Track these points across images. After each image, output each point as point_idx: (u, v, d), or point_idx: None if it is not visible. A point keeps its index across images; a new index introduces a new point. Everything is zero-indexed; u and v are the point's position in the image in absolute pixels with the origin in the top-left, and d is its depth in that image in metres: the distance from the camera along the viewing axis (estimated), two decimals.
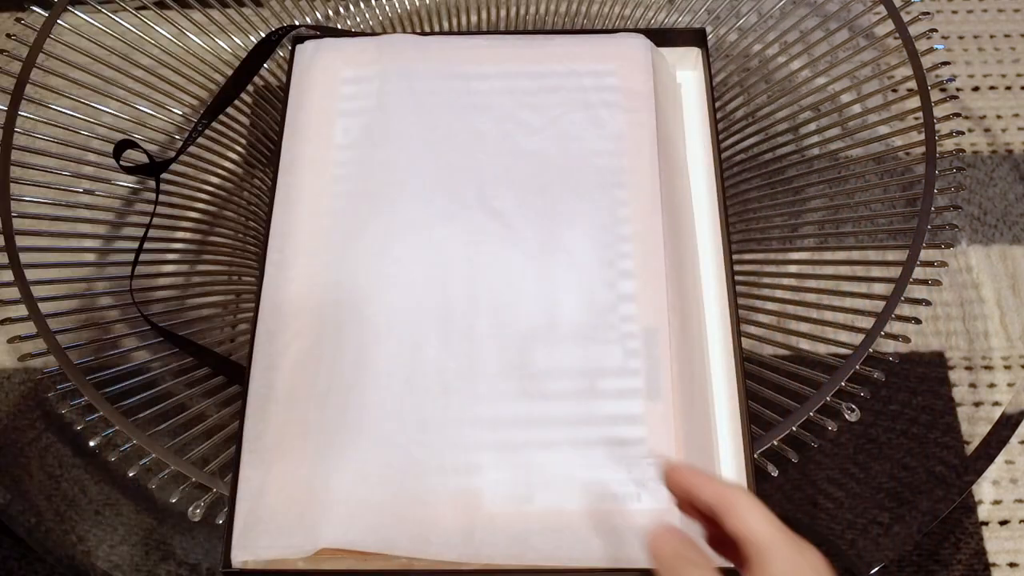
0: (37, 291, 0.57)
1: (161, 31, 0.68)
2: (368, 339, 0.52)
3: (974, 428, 0.66)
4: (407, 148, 0.57)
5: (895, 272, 0.59)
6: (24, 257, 0.58)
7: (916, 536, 0.57)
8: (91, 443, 0.57)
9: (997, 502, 0.64)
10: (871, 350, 0.57)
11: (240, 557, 0.47)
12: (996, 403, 0.67)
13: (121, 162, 0.59)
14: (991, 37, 0.82)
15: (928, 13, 0.68)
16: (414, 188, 0.56)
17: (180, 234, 0.66)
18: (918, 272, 0.59)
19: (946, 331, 0.70)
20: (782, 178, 0.67)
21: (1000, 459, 0.65)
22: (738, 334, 0.53)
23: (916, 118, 0.64)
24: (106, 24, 0.68)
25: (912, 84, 0.65)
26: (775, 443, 0.55)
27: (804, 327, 0.63)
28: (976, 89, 0.80)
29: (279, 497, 0.48)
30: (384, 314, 0.52)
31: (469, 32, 0.72)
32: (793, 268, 0.67)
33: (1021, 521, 0.64)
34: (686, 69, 0.64)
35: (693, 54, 0.63)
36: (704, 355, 0.54)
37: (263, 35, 0.65)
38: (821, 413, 0.56)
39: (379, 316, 0.52)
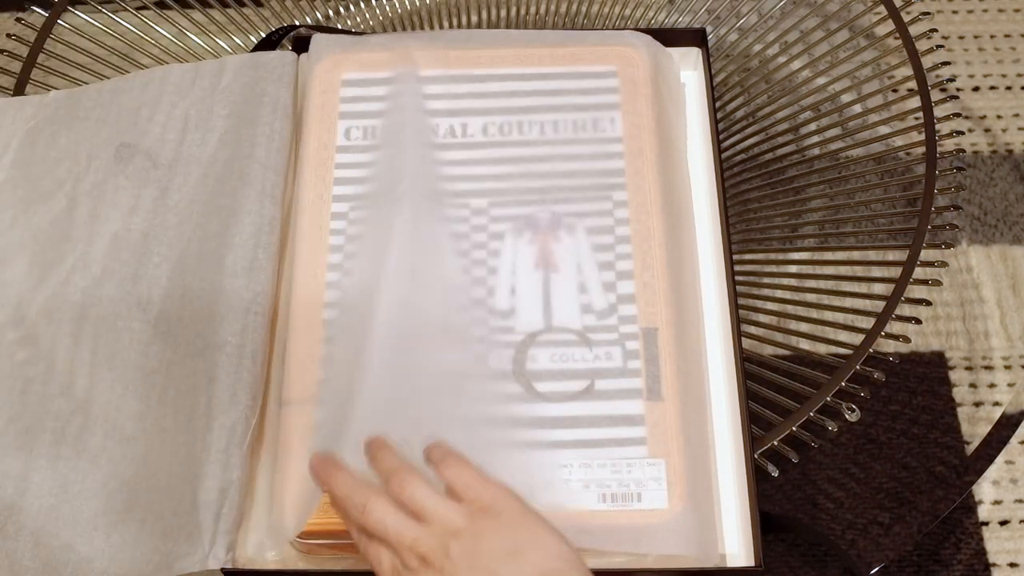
0: None
1: (161, 31, 0.68)
2: (366, 341, 0.51)
3: (974, 428, 0.66)
4: (407, 149, 0.57)
5: (895, 272, 0.59)
6: None
7: (916, 536, 0.57)
8: None
9: (997, 502, 0.65)
10: (871, 350, 0.57)
11: (231, 556, 0.47)
12: (996, 403, 0.67)
13: None
14: (991, 37, 0.83)
15: (928, 13, 0.68)
16: (414, 189, 0.56)
17: None
18: (918, 272, 0.59)
19: (946, 331, 0.70)
20: (782, 178, 0.67)
21: (1000, 459, 0.65)
22: (738, 334, 0.53)
23: (916, 118, 0.64)
24: (106, 24, 0.68)
25: (912, 84, 0.65)
26: (775, 443, 0.55)
27: (804, 327, 0.63)
28: (976, 89, 0.80)
29: (270, 496, 0.48)
30: (382, 316, 0.52)
31: None
32: (793, 268, 0.67)
33: (1021, 521, 0.64)
34: (686, 69, 0.64)
35: (693, 54, 0.63)
36: (703, 355, 0.54)
37: (263, 35, 0.65)
38: (821, 413, 0.56)
39: (377, 317, 0.52)
